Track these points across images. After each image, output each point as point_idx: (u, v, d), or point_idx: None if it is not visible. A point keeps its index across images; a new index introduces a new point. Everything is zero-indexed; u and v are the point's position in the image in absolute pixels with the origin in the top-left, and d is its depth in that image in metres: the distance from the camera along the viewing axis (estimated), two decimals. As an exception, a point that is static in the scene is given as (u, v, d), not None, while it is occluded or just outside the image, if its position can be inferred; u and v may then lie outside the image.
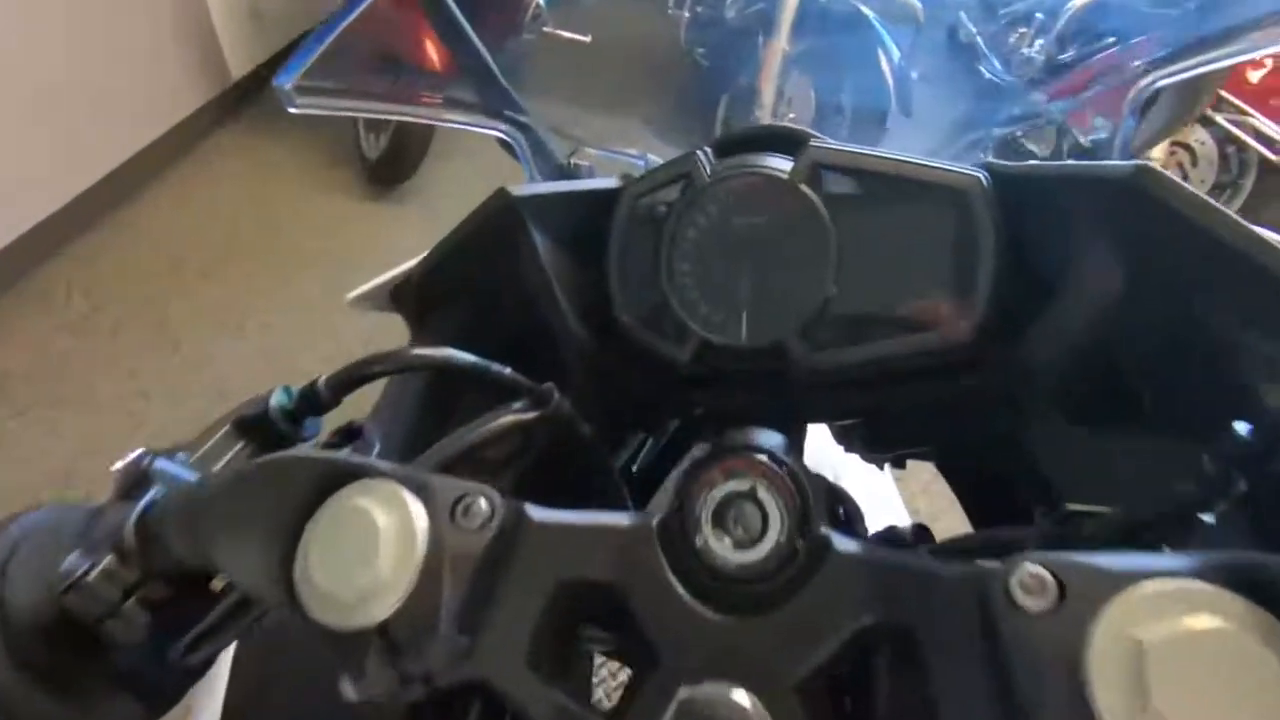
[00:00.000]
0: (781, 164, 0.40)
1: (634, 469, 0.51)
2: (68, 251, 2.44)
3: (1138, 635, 0.19)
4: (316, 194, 2.81)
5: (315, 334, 2.22)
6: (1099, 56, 2.09)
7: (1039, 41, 2.32)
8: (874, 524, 0.54)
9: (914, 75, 2.20)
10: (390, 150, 2.57)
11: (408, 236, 2.68)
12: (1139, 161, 0.33)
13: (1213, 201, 0.31)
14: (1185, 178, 2.34)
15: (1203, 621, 0.19)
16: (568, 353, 0.43)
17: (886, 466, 0.58)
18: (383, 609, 0.24)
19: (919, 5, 2.26)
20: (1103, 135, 0.59)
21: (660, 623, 0.25)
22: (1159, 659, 0.19)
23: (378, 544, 0.24)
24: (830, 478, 0.69)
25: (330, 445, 0.36)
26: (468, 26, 0.58)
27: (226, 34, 2.78)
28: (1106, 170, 0.34)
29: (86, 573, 0.27)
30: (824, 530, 0.26)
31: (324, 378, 0.35)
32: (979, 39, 2.67)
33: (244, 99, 3.04)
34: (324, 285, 2.43)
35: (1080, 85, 1.66)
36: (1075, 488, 0.36)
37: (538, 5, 2.48)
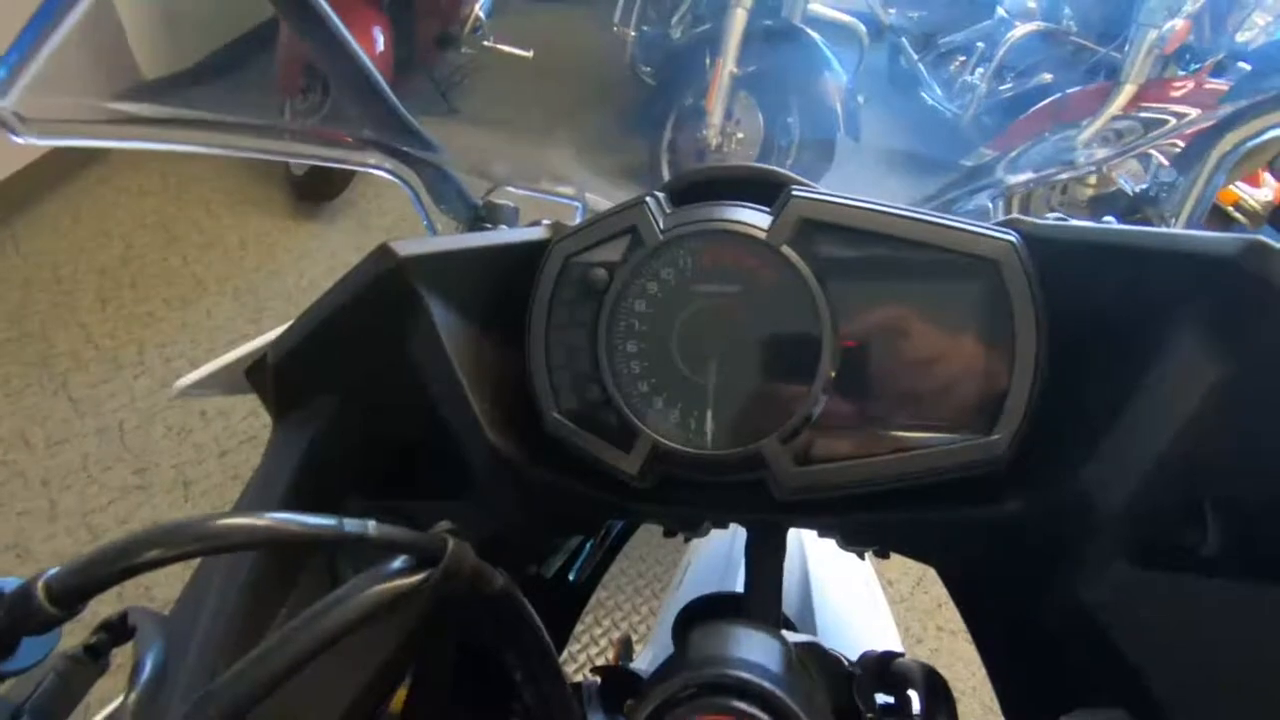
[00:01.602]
0: (757, 218, 0.31)
1: (570, 578, 0.41)
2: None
3: None
4: (236, 212, 2.63)
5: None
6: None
7: (979, 70, 2.38)
8: (841, 606, 0.45)
9: (861, 99, 2.21)
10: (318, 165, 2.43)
11: (338, 256, 2.52)
12: (1251, 236, 0.26)
13: None
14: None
15: None
16: (475, 456, 0.32)
17: (868, 555, 0.50)
18: None
19: (862, 27, 2.28)
20: (1155, 184, 0.51)
21: None
22: None
23: None
24: (799, 556, 0.61)
25: (88, 651, 0.23)
26: (350, 38, 0.44)
27: (137, 37, 2.59)
28: (1203, 243, 0.27)
29: None
30: None
31: (50, 574, 0.20)
32: (920, 65, 2.72)
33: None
34: (240, 313, 2.25)
35: (1042, 122, 1.66)
36: (1154, 655, 0.27)
37: (478, 17, 2.39)
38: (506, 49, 2.28)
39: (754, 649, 0.24)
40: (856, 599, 0.62)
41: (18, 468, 1.80)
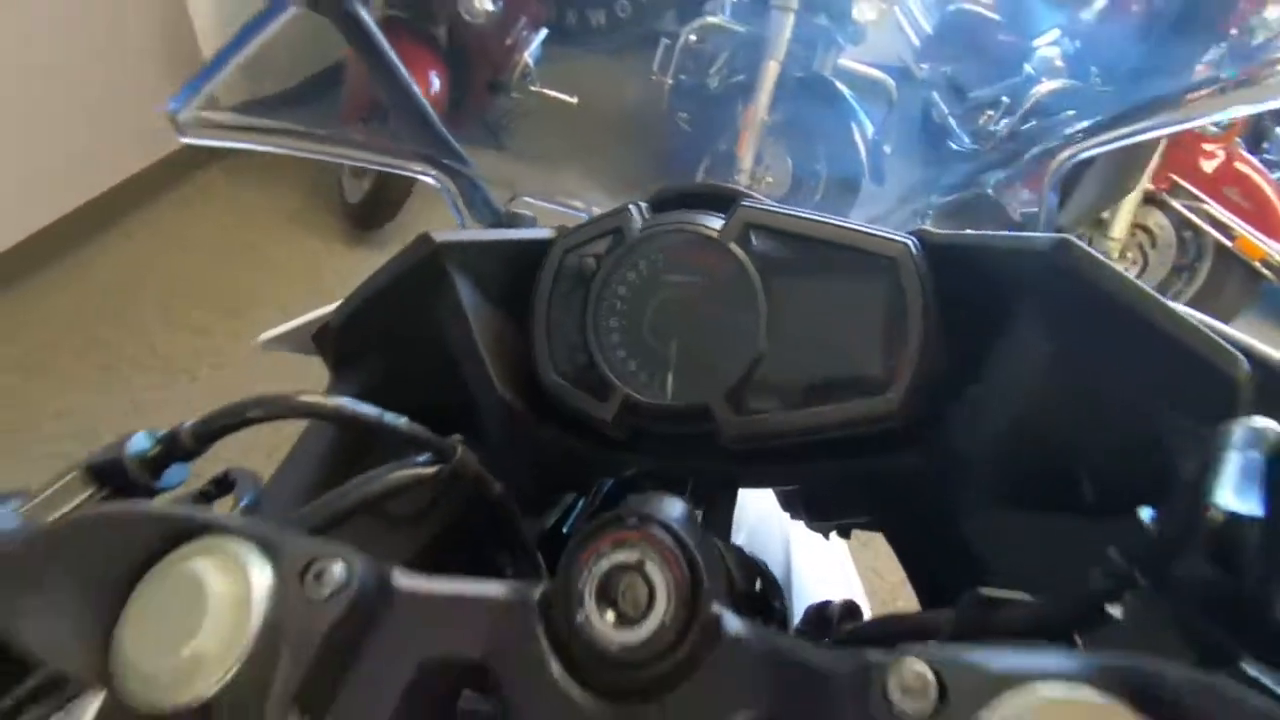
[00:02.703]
0: (713, 222, 0.39)
1: (564, 530, 0.49)
2: (22, 285, 2.38)
3: None
4: (293, 237, 2.80)
5: (276, 379, 2.16)
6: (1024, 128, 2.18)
7: (1004, 121, 2.44)
8: (818, 595, 0.51)
9: (887, 149, 2.29)
10: (372, 193, 2.58)
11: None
12: (1061, 234, 0.32)
13: (1132, 277, 0.31)
14: (1146, 259, 2.44)
15: None
16: (489, 410, 0.40)
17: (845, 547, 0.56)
18: (206, 686, 0.21)
19: (890, 81, 2.36)
20: (1033, 209, 0.60)
21: (531, 706, 0.22)
22: None
23: (205, 612, 0.22)
24: (780, 543, 0.66)
25: (200, 496, 0.32)
26: (402, 69, 0.55)
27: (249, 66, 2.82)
28: (1027, 242, 0.33)
29: None
30: (716, 610, 0.23)
31: (189, 423, 0.30)
32: (950, 118, 2.80)
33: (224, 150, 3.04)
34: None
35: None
36: (1006, 571, 0.34)
37: (527, 65, 2.55)
38: (552, 94, 2.42)
39: (672, 507, 0.26)
40: (833, 585, 0.67)
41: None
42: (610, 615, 0.23)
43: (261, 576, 0.22)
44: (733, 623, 0.23)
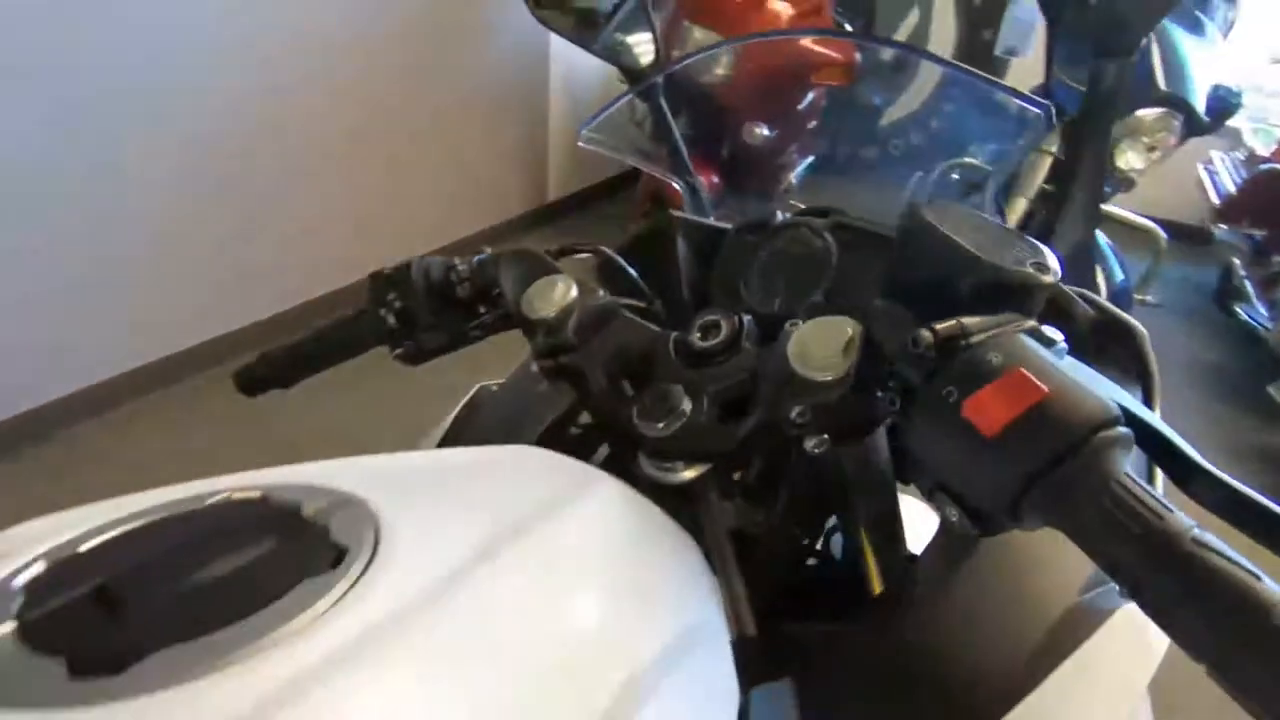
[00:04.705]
0: (818, 222, 0.58)
1: None
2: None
3: None
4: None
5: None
6: None
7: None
8: None
9: (1150, 299, 2.20)
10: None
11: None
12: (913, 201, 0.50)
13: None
14: None
15: None
16: (677, 294, 0.64)
17: None
18: (549, 313, 0.51)
19: (1162, 237, 2.26)
20: None
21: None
22: None
23: (554, 294, 0.52)
24: None
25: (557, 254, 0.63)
26: (679, 137, 0.89)
27: (554, 164, 3.60)
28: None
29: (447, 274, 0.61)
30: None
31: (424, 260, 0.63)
32: (1248, 282, 2.52)
33: (555, 216, 3.81)
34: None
35: None
36: None
37: (790, 183, 2.92)
38: (803, 207, 2.74)
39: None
40: None
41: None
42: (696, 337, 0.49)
43: (566, 285, 0.52)
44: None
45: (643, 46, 1.10)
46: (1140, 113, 2.27)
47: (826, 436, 0.40)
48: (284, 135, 2.37)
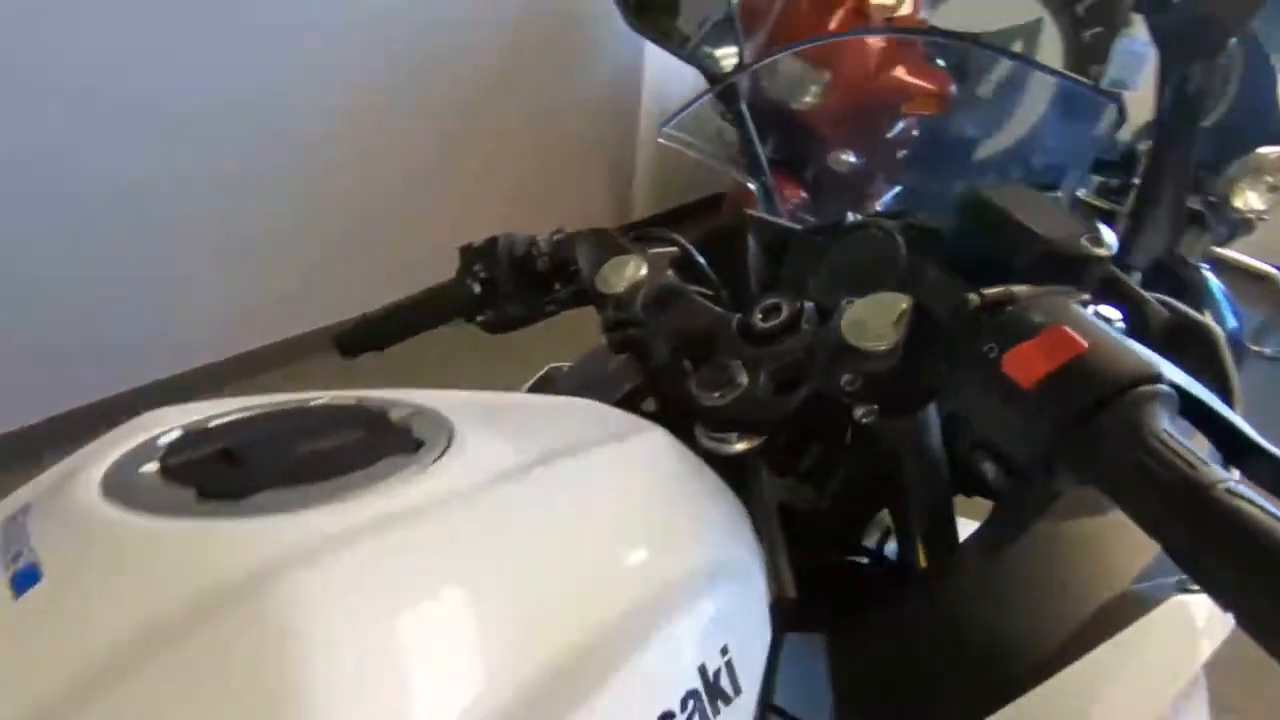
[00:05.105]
0: (890, 223, 0.59)
1: None
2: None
3: None
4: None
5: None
6: None
7: None
8: None
9: (1261, 349, 2.05)
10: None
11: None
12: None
13: None
14: None
15: None
16: (745, 287, 0.67)
17: None
18: (620, 288, 0.54)
19: (1283, 284, 2.10)
20: None
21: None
22: None
23: (625, 271, 0.55)
24: None
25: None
26: (759, 144, 0.93)
27: (640, 183, 3.70)
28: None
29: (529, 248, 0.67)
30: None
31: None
32: None
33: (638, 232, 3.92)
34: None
35: None
36: None
37: (876, 211, 2.90)
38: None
39: None
40: None
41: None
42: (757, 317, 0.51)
43: (638, 265, 0.56)
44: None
45: (729, 60, 1.15)
46: (1261, 150, 2.13)
47: (876, 407, 0.42)
48: (375, 153, 2.62)
